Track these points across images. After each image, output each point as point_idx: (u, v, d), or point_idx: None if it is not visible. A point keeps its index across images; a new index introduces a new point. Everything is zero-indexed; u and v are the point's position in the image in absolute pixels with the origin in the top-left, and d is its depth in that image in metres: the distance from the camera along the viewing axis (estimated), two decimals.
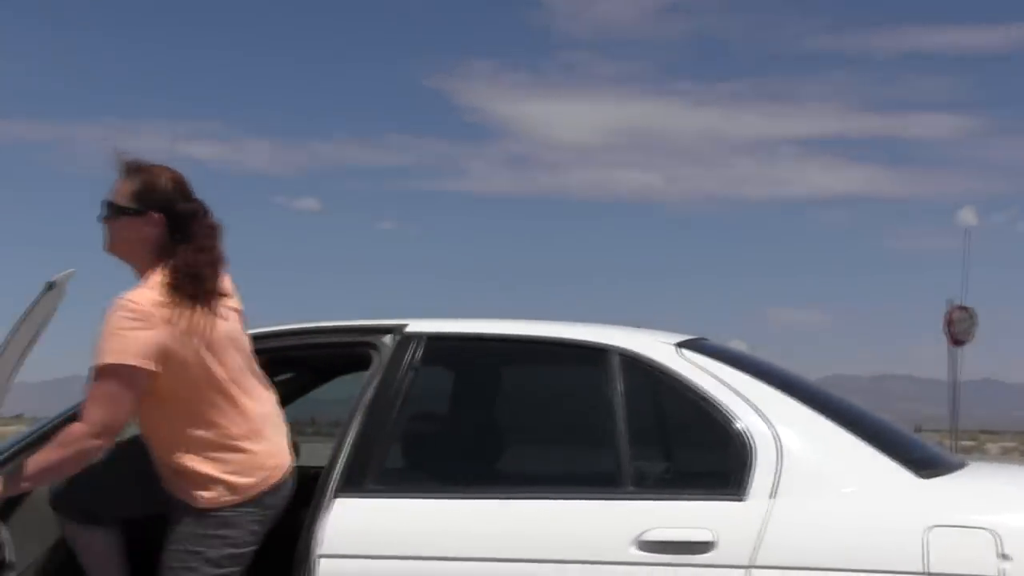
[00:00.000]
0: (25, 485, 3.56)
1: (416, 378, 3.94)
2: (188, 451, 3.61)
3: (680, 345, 3.94)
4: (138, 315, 3.50)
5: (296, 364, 4.82)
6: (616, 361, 3.86)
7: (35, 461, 3.51)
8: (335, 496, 3.75)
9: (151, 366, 3.48)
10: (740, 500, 3.57)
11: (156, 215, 3.65)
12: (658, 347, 3.91)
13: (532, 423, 4.22)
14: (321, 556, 3.67)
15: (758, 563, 3.47)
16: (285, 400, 4.74)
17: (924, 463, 3.78)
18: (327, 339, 4.24)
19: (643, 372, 3.86)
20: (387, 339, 4.01)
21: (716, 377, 3.80)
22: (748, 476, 3.60)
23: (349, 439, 3.83)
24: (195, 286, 3.58)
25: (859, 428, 3.79)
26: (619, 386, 3.82)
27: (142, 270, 3.67)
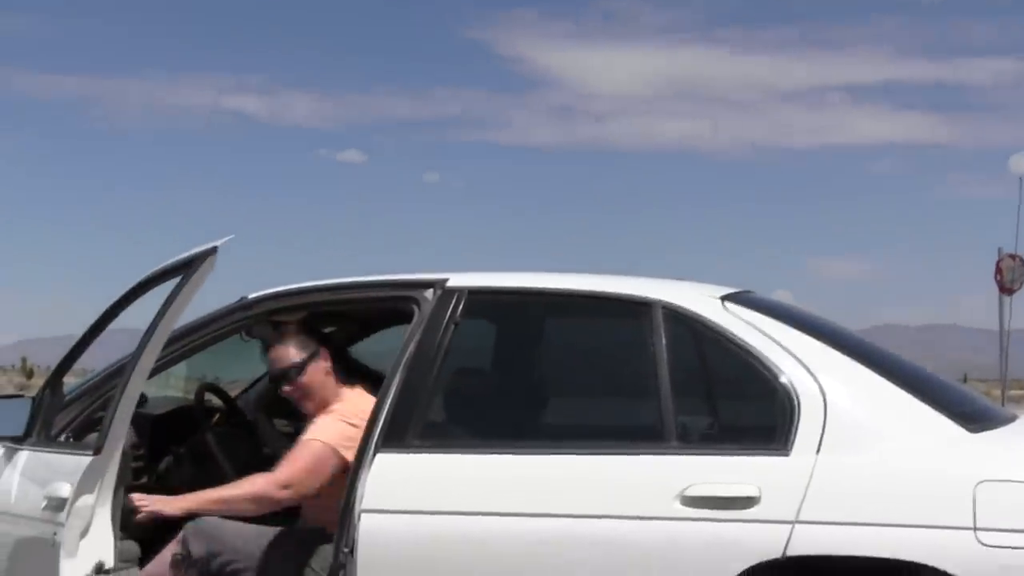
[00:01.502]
0: (196, 508, 3.91)
1: (457, 332, 3.92)
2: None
3: (725, 298, 3.89)
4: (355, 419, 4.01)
5: (338, 318, 4.81)
6: (659, 315, 3.82)
7: (217, 491, 3.92)
8: (377, 452, 3.74)
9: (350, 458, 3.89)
10: (785, 455, 3.53)
11: (323, 350, 4.19)
12: (702, 300, 3.87)
13: (574, 377, 4.19)
14: (363, 511, 3.67)
15: (803, 518, 3.44)
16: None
17: (973, 417, 3.72)
18: (368, 293, 4.23)
19: (687, 326, 3.82)
20: (428, 293, 3.99)
21: (761, 331, 3.76)
22: (793, 430, 3.56)
23: (390, 395, 3.82)
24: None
25: (907, 381, 3.73)
26: (662, 340, 3.78)
27: (326, 400, 4.16)
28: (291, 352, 4.14)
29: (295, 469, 3.95)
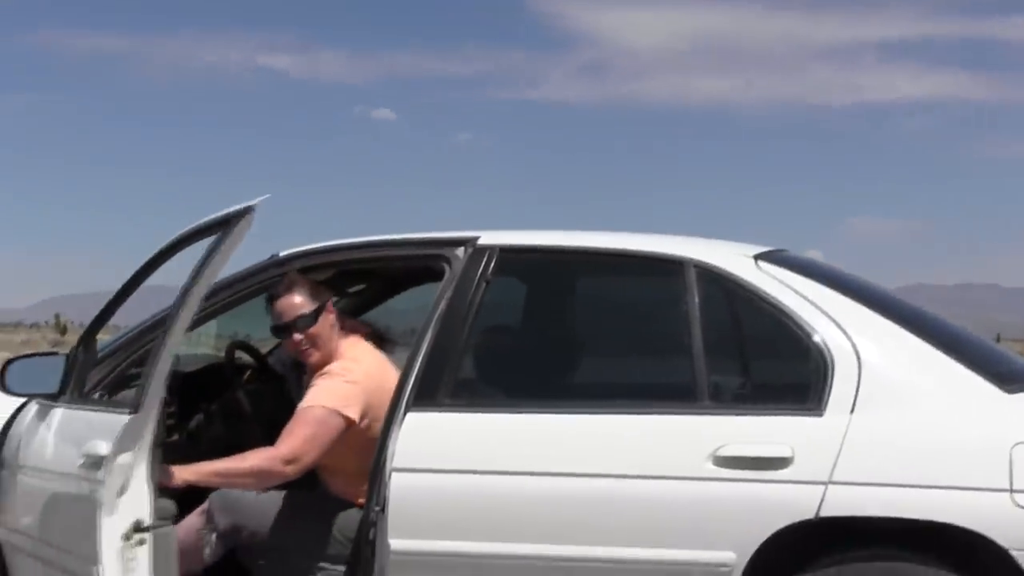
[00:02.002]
0: (195, 480, 3.84)
1: (488, 291, 3.90)
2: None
3: (758, 257, 3.85)
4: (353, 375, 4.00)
5: (369, 276, 4.80)
6: (692, 274, 3.78)
7: (219, 464, 3.86)
8: (408, 411, 3.73)
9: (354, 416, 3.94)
10: (819, 415, 3.50)
11: (329, 302, 4.15)
12: (735, 259, 3.83)
13: (606, 336, 4.16)
14: (394, 470, 3.66)
15: (836, 479, 3.41)
16: (358, 311, 4.76)
17: (1010, 377, 3.67)
18: (400, 252, 4.21)
19: (720, 285, 3.78)
20: (459, 252, 3.96)
21: (794, 290, 3.72)
22: (826, 390, 3.53)
23: (421, 353, 3.81)
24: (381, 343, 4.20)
25: (942, 341, 3.69)
26: (695, 299, 3.75)
27: (331, 354, 4.10)
28: (301, 302, 4.08)
29: (297, 441, 3.87)
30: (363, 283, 4.95)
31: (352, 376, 3.98)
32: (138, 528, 3.59)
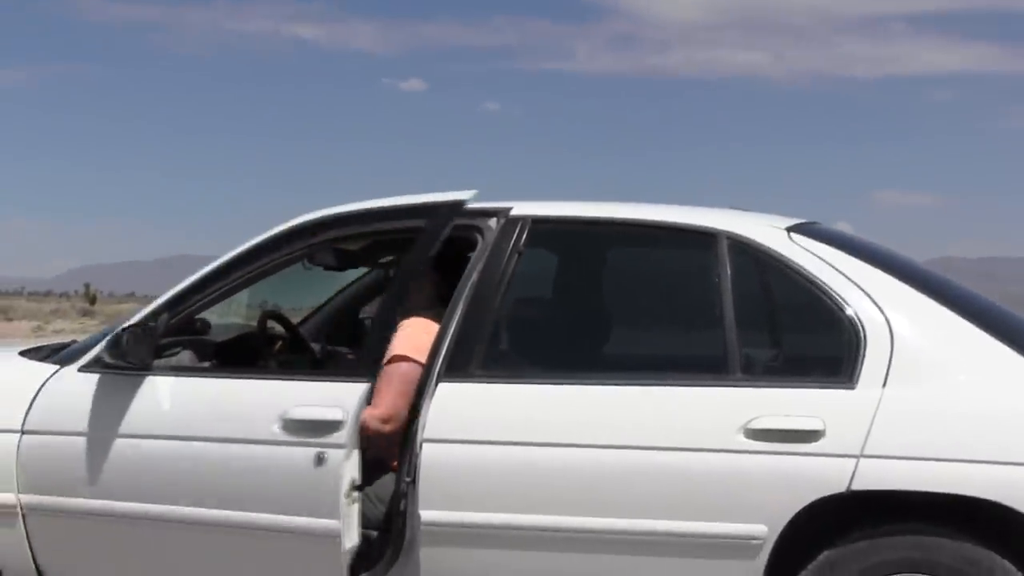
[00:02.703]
0: None
1: (520, 262, 3.89)
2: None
3: (790, 229, 3.83)
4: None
5: (400, 246, 4.79)
6: (725, 245, 3.76)
7: None
8: (439, 381, 3.73)
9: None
10: (851, 388, 3.49)
11: None
12: (768, 231, 3.81)
13: (638, 308, 4.14)
14: (425, 441, 3.67)
15: (868, 452, 3.40)
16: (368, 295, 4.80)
17: None
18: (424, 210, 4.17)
19: (752, 257, 3.76)
20: (492, 222, 3.94)
21: (827, 262, 3.70)
22: (859, 363, 3.51)
23: (453, 323, 3.81)
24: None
25: (975, 315, 3.67)
26: (728, 271, 3.73)
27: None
28: None
29: (388, 399, 3.89)
30: (394, 253, 4.93)
31: (429, 328, 3.97)
32: (353, 487, 3.69)
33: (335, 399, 3.73)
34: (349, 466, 3.68)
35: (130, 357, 3.85)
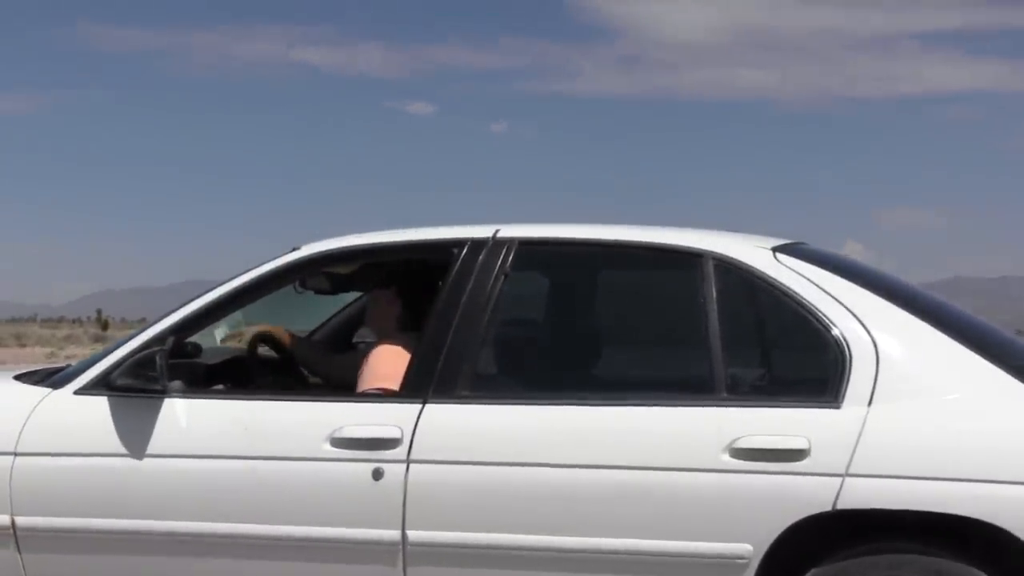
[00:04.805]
0: None
1: (507, 284, 3.92)
2: None
3: (776, 249, 3.85)
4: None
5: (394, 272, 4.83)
6: (710, 266, 3.79)
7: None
8: (426, 402, 3.76)
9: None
10: (836, 407, 3.50)
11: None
12: (753, 251, 3.83)
13: (624, 329, 4.17)
14: (412, 462, 3.70)
15: (853, 471, 3.41)
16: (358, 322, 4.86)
17: None
18: (420, 247, 4.22)
19: (738, 277, 3.78)
20: (478, 245, 3.98)
21: (813, 282, 3.71)
22: (844, 382, 3.52)
23: (441, 345, 3.83)
24: None
25: (963, 334, 3.68)
26: (713, 291, 3.75)
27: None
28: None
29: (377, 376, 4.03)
30: (390, 280, 4.97)
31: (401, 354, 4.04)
32: None
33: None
34: None
35: (160, 380, 3.88)
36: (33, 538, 3.98)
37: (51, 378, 4.22)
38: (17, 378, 4.34)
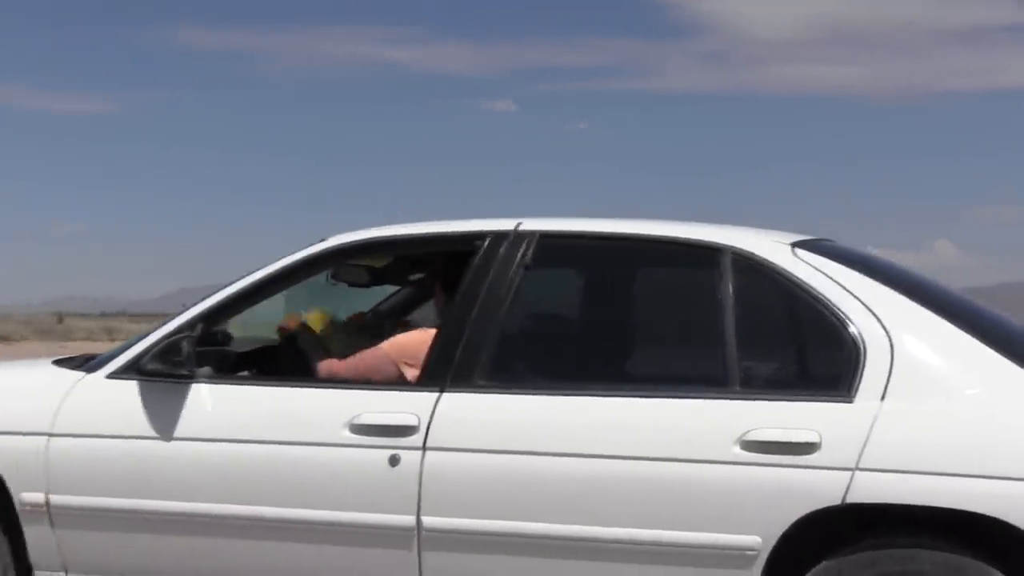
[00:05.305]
0: None
1: (527, 276, 3.96)
2: None
3: (796, 245, 3.85)
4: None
5: (426, 264, 4.91)
6: (729, 261, 3.80)
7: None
8: (444, 391, 3.82)
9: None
10: (848, 401, 3.50)
11: None
12: (772, 246, 3.84)
13: (642, 321, 4.19)
14: (428, 448, 3.75)
15: (864, 465, 3.41)
16: (420, 300, 4.91)
17: None
18: (446, 239, 4.29)
19: (756, 272, 3.79)
20: (501, 238, 4.03)
21: (831, 278, 3.71)
22: (858, 377, 3.52)
23: (460, 334, 3.89)
24: None
25: (980, 329, 3.66)
26: (731, 285, 3.77)
27: None
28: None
29: (351, 367, 4.19)
30: (422, 271, 5.04)
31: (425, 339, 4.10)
32: None
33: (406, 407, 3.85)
34: None
35: (187, 365, 3.99)
36: (66, 515, 4.10)
37: (88, 363, 4.34)
38: (56, 363, 4.47)
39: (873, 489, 3.40)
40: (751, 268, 3.80)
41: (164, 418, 4.02)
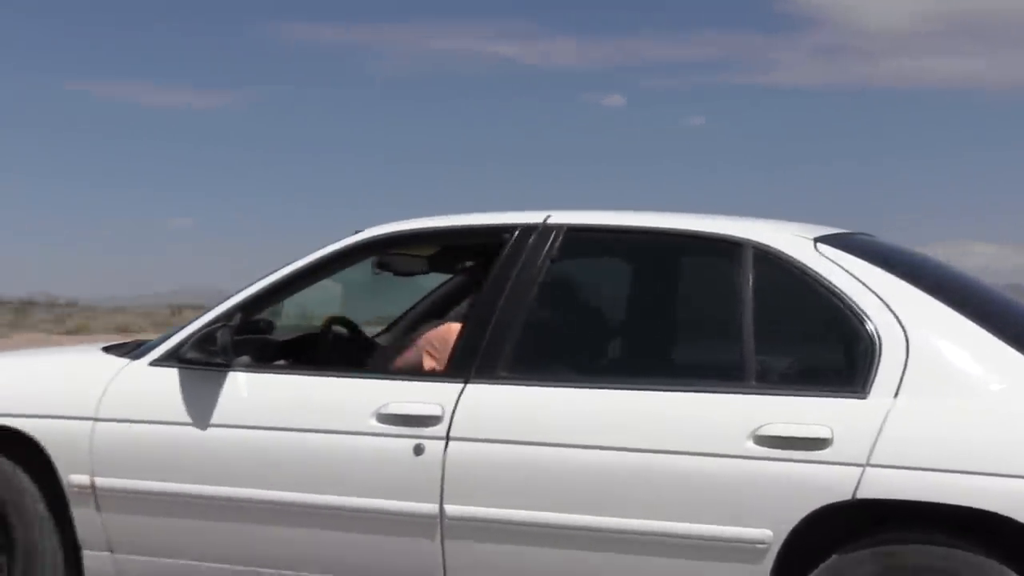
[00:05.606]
0: None
1: (553, 269, 4.02)
2: None
3: (819, 239, 3.85)
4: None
5: (474, 253, 4.98)
6: (750, 255, 3.82)
7: None
8: (468, 382, 3.90)
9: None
10: (862, 397, 3.50)
11: None
12: (793, 240, 3.84)
13: (662, 315, 4.20)
14: (451, 439, 3.83)
15: (875, 461, 3.41)
16: (466, 291, 4.99)
17: None
18: (478, 231, 4.37)
19: (776, 266, 3.80)
20: (528, 231, 4.10)
21: (851, 273, 3.71)
22: (872, 373, 3.53)
23: (485, 326, 3.98)
24: None
25: (1002, 327, 3.64)
26: (750, 280, 3.79)
27: None
28: None
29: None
30: (471, 260, 5.12)
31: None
32: None
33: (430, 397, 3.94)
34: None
35: (221, 354, 4.12)
36: (110, 497, 4.26)
37: (135, 351, 4.50)
38: (105, 349, 4.64)
39: (883, 485, 3.40)
40: (771, 262, 3.81)
41: (201, 405, 4.16)
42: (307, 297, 4.74)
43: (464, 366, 3.96)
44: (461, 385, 3.91)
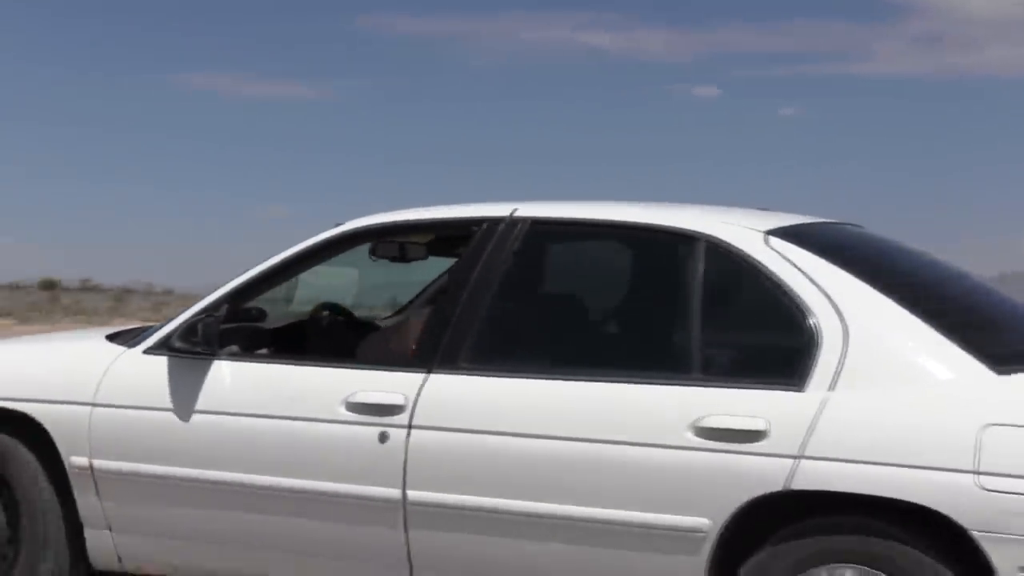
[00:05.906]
0: None
1: (516, 261, 4.14)
2: None
3: (771, 232, 3.90)
4: None
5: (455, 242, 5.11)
6: (701, 248, 3.89)
7: None
8: (431, 371, 4.04)
9: None
10: (799, 390, 3.57)
11: None
12: (743, 233, 3.90)
13: (617, 307, 4.31)
14: (413, 427, 3.98)
15: (808, 454, 3.48)
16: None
17: (1012, 357, 3.59)
18: (449, 223, 4.53)
19: (724, 259, 3.87)
20: (496, 223, 4.22)
21: (796, 266, 3.76)
22: (811, 367, 3.59)
23: (448, 317, 4.12)
24: None
25: (947, 319, 3.66)
26: (698, 273, 3.87)
27: None
28: None
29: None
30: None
31: None
32: None
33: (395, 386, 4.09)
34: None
35: (204, 344, 4.33)
36: (107, 479, 4.50)
37: (134, 338, 4.72)
38: (108, 337, 4.87)
39: (814, 476, 3.47)
40: (720, 255, 3.88)
41: (187, 392, 4.37)
42: (321, 284, 4.93)
43: (428, 356, 4.10)
44: (424, 375, 4.06)
